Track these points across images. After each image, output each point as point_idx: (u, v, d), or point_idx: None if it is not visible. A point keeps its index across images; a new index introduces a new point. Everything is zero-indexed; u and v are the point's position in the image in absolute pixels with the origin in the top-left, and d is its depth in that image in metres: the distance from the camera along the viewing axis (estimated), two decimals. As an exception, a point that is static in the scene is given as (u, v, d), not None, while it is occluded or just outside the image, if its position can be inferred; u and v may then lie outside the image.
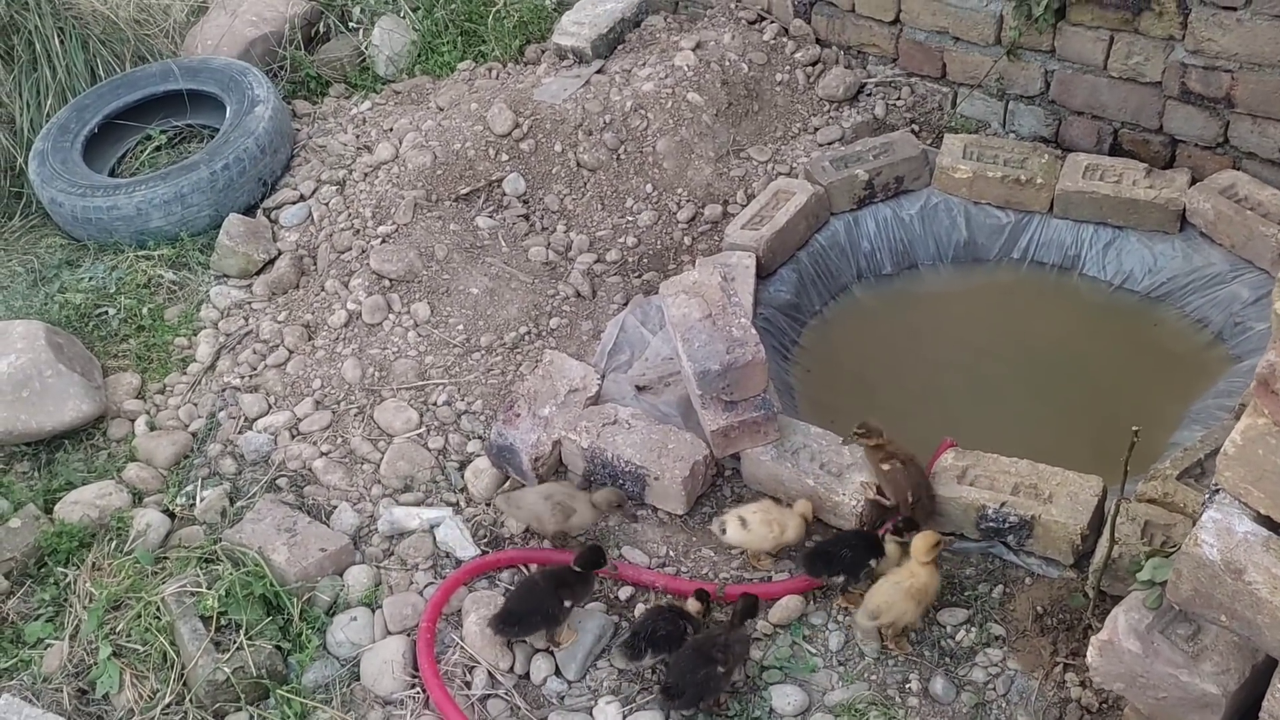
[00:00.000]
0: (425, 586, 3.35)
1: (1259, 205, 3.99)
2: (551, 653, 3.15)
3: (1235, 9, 3.91)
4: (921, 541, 2.98)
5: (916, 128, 4.73)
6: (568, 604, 3.07)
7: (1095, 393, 3.95)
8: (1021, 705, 2.88)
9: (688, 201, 4.52)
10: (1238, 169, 4.16)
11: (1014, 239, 4.37)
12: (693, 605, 3.11)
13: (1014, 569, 3.19)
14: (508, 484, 3.61)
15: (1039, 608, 3.06)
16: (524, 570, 3.37)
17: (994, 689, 2.93)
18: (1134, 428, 2.57)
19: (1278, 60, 3.88)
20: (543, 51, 5.24)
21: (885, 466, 3.25)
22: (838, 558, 3.12)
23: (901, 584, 2.95)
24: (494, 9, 5.40)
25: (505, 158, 4.60)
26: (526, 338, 4.07)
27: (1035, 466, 3.27)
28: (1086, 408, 3.90)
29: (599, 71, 4.96)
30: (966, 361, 4.12)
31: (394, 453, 3.70)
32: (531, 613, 3.07)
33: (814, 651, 3.09)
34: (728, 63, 4.87)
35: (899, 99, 4.86)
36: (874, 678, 3.00)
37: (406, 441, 3.74)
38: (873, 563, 3.11)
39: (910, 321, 4.29)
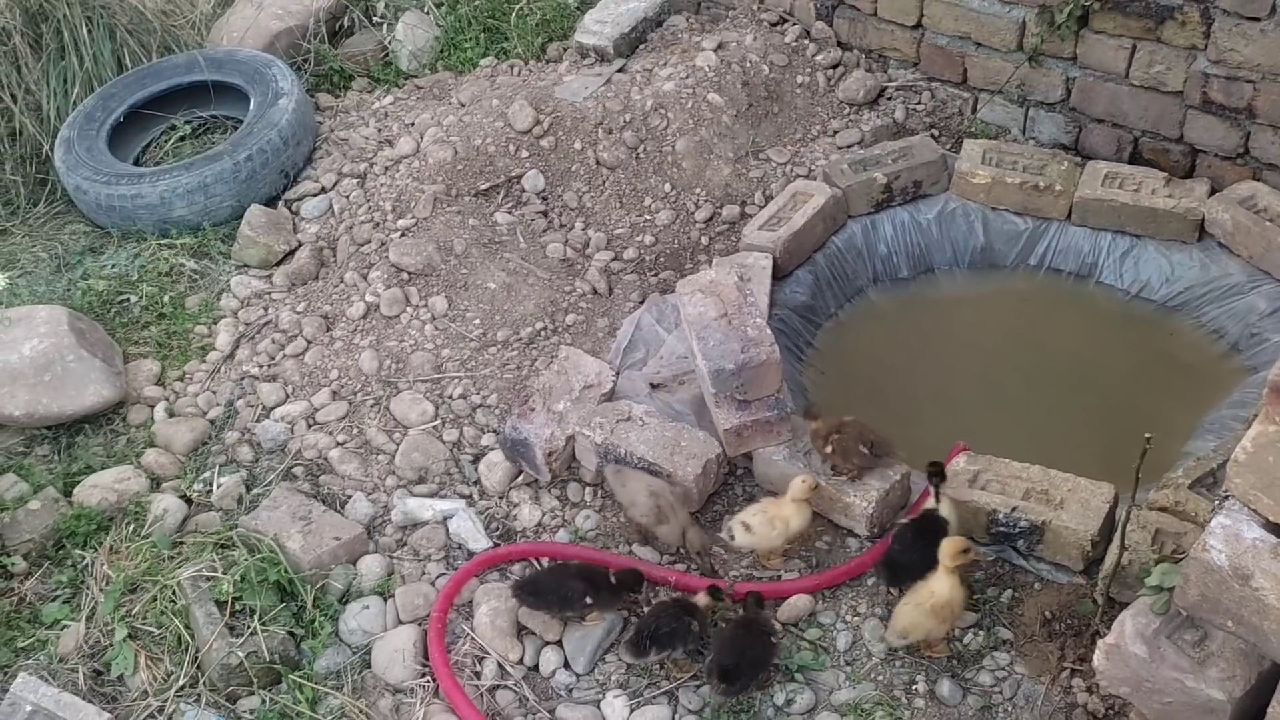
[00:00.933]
0: (437, 577, 3.38)
1: (1279, 217, 3.98)
2: (561, 645, 3.18)
3: (1259, 20, 3.90)
4: (949, 546, 2.95)
5: (936, 132, 4.74)
6: (588, 601, 3.09)
7: (1109, 401, 3.94)
8: (1028, 709, 2.89)
9: (706, 201, 4.54)
10: (1258, 180, 4.15)
11: (1031, 246, 4.37)
12: (702, 600, 3.12)
13: (1023, 574, 3.20)
14: (521, 477, 3.64)
15: (1047, 613, 3.07)
16: (536, 564, 3.39)
17: (1000, 692, 2.94)
18: (1146, 435, 2.57)
19: (1300, 72, 3.88)
20: (565, 49, 5.27)
21: (828, 449, 3.31)
22: (912, 564, 3.05)
23: (923, 605, 2.93)
24: (517, 6, 5.43)
25: (525, 154, 4.63)
26: (542, 333, 4.10)
27: (1047, 472, 3.28)
28: (1100, 415, 3.90)
29: (620, 70, 4.99)
30: (980, 367, 4.13)
31: (409, 444, 3.73)
32: (550, 591, 3.10)
33: (823, 648, 3.10)
34: (749, 64, 4.88)
35: (919, 103, 4.86)
36: (881, 678, 3.02)
37: (421, 433, 3.77)
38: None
39: (925, 326, 4.30)
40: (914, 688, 2.98)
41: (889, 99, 4.90)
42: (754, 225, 4.28)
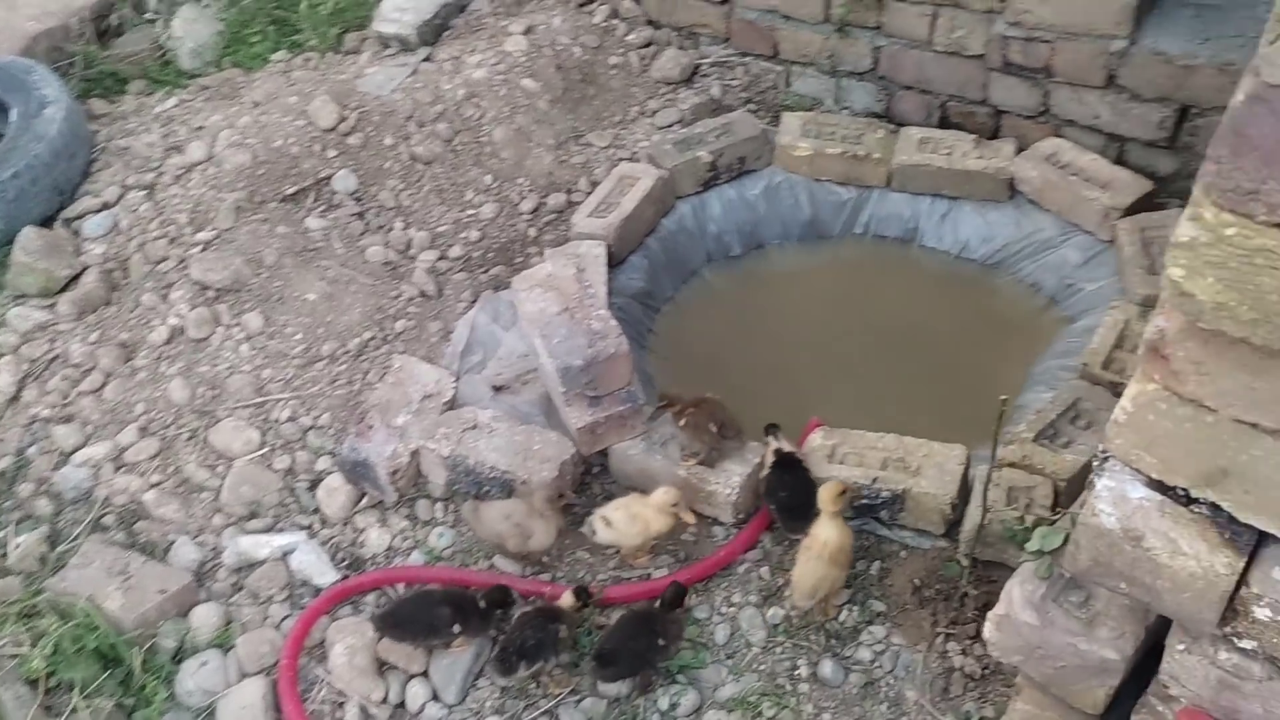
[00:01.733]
0: (283, 620, 3.12)
1: (1082, 170, 4.14)
2: (428, 676, 2.97)
3: (1050, -19, 4.03)
4: (827, 491, 2.96)
5: (754, 107, 4.73)
6: (456, 629, 2.90)
7: (943, 361, 4.02)
8: (909, 680, 2.90)
9: (530, 191, 4.38)
10: (1059, 136, 4.31)
11: (855, 214, 4.42)
12: (567, 600, 2.99)
13: (888, 544, 3.21)
14: (365, 500, 3.40)
15: (916, 580, 3.08)
16: (389, 592, 3.17)
17: (880, 666, 2.94)
18: (1002, 397, 2.60)
19: (1092, 29, 4.04)
20: (364, 40, 4.98)
21: (682, 422, 3.27)
22: (802, 502, 3.05)
23: (822, 555, 2.91)
24: (306, -4, 5.10)
25: (333, 153, 4.33)
26: (371, 343, 3.84)
27: (901, 440, 3.29)
28: (937, 376, 3.97)
29: (426, 59, 4.75)
30: (820, 339, 4.14)
31: (235, 477, 3.42)
32: (415, 620, 2.90)
33: (702, 644, 3.02)
34: (560, 47, 4.73)
35: (734, 79, 4.84)
36: (763, 667, 2.96)
37: (248, 464, 3.46)
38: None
39: (762, 302, 4.28)
40: (796, 672, 2.94)
41: (704, 76, 4.86)
42: (583, 213, 4.15)
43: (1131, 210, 3.99)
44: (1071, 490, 3.16)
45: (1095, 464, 1.85)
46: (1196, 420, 1.66)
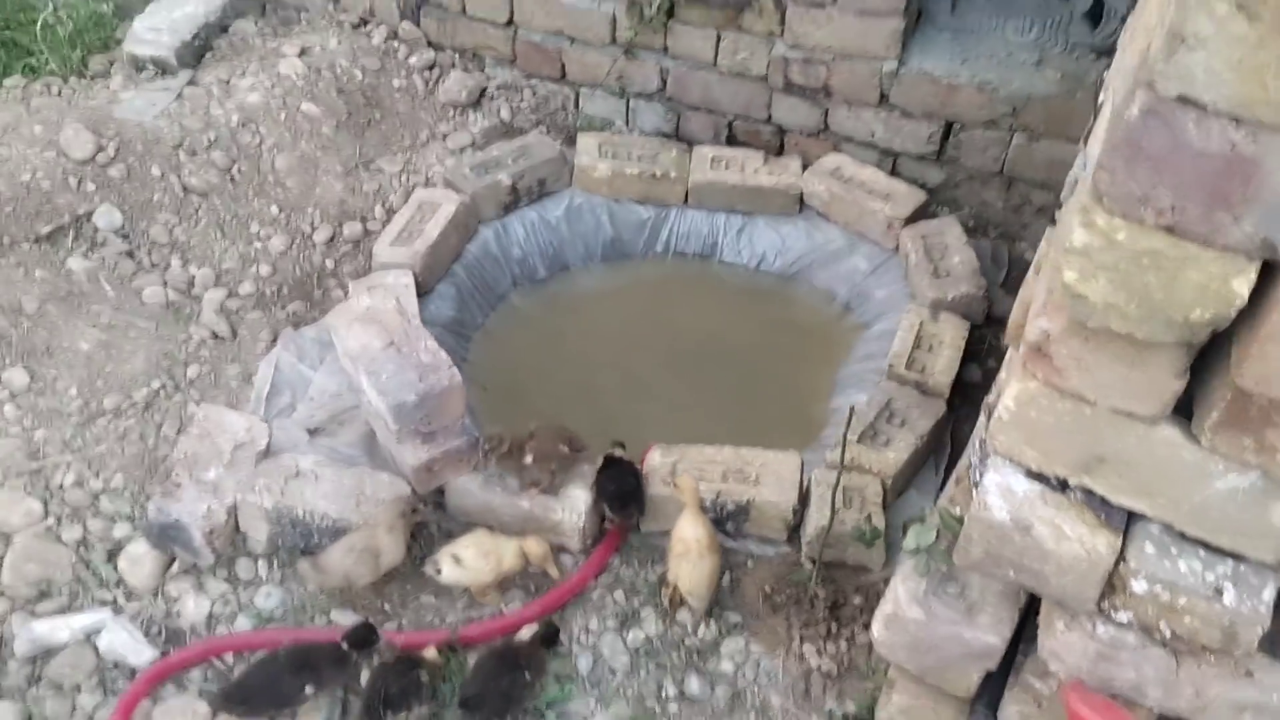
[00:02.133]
0: (95, 710, 2.77)
1: (864, 183, 4.39)
2: (274, 753, 2.74)
3: (824, 6, 4.24)
4: (686, 482, 3.04)
5: (544, 129, 4.70)
6: (309, 689, 2.68)
7: (753, 371, 4.13)
8: (772, 686, 2.94)
9: (322, 222, 4.15)
10: (839, 151, 4.55)
11: (656, 232, 4.48)
12: (430, 654, 2.85)
13: (735, 554, 3.25)
14: (175, 565, 3.09)
15: (766, 588, 3.14)
16: (218, 663, 2.89)
17: (744, 676, 2.96)
18: (850, 405, 2.69)
19: (863, 52, 4.29)
20: (113, 63, 4.57)
21: (528, 460, 3.19)
22: (630, 488, 3.17)
23: (702, 552, 2.96)
24: (39, 15, 4.62)
25: (92, 187, 3.95)
26: (162, 393, 3.52)
27: (738, 451, 3.35)
28: (748, 386, 4.07)
29: (190, 83, 4.41)
30: (632, 358, 4.15)
31: (17, 554, 3.03)
32: (263, 691, 2.66)
33: (566, 677, 2.94)
34: (339, 69, 4.53)
35: (522, 101, 4.79)
36: (630, 692, 2.92)
37: (32, 538, 3.07)
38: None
39: (572, 324, 4.25)
40: (664, 693, 2.92)
41: (491, 99, 4.78)
42: (384, 241, 3.97)
43: (911, 219, 4.26)
44: (896, 486, 3.34)
45: (975, 461, 1.94)
46: (1076, 413, 1.78)
